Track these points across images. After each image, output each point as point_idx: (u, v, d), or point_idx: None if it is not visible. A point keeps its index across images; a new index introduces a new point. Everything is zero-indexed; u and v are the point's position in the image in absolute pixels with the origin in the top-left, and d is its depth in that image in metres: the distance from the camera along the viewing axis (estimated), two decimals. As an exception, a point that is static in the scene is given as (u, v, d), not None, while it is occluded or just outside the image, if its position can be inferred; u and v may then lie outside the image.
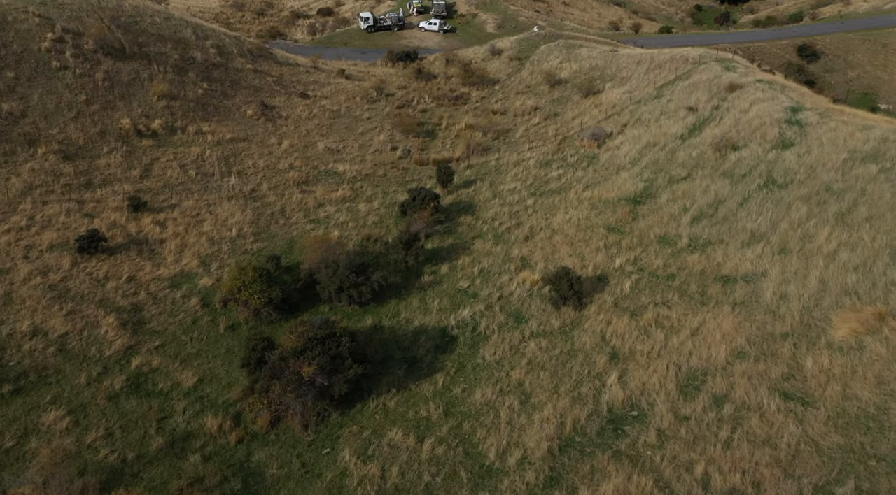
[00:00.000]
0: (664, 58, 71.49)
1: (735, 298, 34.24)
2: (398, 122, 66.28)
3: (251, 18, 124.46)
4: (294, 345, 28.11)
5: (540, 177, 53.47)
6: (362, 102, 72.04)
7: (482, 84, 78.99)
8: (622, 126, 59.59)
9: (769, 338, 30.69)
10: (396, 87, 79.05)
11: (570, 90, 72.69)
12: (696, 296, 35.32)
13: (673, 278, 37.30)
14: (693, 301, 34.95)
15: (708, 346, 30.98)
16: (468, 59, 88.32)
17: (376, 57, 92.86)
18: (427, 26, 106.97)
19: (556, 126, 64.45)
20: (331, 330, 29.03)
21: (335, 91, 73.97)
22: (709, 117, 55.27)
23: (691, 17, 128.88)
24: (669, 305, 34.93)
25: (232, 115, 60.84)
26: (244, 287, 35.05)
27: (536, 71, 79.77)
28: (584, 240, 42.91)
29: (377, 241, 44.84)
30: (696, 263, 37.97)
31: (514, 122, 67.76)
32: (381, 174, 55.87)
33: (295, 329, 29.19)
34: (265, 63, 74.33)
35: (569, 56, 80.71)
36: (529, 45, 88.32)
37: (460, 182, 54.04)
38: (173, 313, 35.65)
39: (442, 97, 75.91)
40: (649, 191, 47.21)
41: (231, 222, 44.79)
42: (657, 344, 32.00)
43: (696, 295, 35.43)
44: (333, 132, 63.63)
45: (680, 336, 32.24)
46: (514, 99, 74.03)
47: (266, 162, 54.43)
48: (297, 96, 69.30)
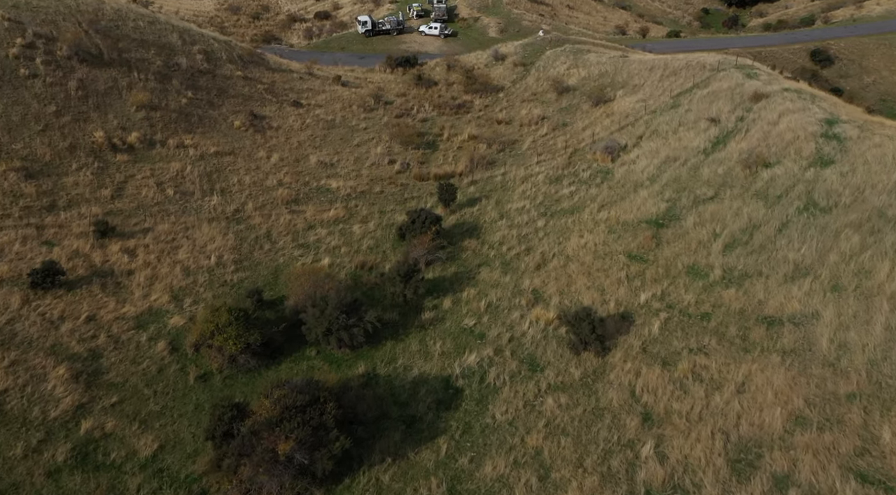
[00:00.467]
0: (679, 64, 66.56)
1: (784, 345, 29.28)
2: (397, 133, 61.35)
3: (246, 22, 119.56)
4: (269, 414, 23.18)
5: (550, 195, 48.53)
6: (359, 111, 67.10)
7: (485, 91, 74.06)
8: (637, 138, 54.65)
9: (832, 400, 25.74)
10: (395, 95, 74.15)
11: (579, 98, 67.75)
12: (738, 341, 30.36)
13: (708, 318, 32.35)
14: (734, 347, 29.99)
15: (759, 408, 26.01)
16: (470, 64, 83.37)
17: (374, 62, 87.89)
18: (427, 30, 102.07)
19: (566, 137, 59.49)
20: (313, 394, 24.08)
21: (330, 99, 69.03)
22: (733, 129, 50.32)
23: (699, 20, 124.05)
24: (707, 352, 29.97)
25: (218, 126, 55.87)
26: (217, 331, 30.10)
27: (542, 77, 74.85)
28: (602, 270, 37.94)
29: (372, 270, 39.89)
30: (734, 300, 33.01)
31: (520, 133, 62.82)
32: (378, 191, 50.92)
33: (271, 393, 24.22)
34: (256, 69, 69.40)
35: (576, 62, 75.79)
36: (534, 50, 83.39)
37: (463, 200, 49.11)
38: (136, 360, 30.66)
39: (443, 105, 70.99)
40: (672, 213, 42.25)
41: (210, 249, 39.81)
42: (697, 402, 27.04)
43: (736, 339, 30.47)
44: (327, 144, 58.68)
45: (724, 393, 27.27)
46: (520, 107, 69.10)
47: (253, 178, 49.47)
48: (290, 105, 64.34)
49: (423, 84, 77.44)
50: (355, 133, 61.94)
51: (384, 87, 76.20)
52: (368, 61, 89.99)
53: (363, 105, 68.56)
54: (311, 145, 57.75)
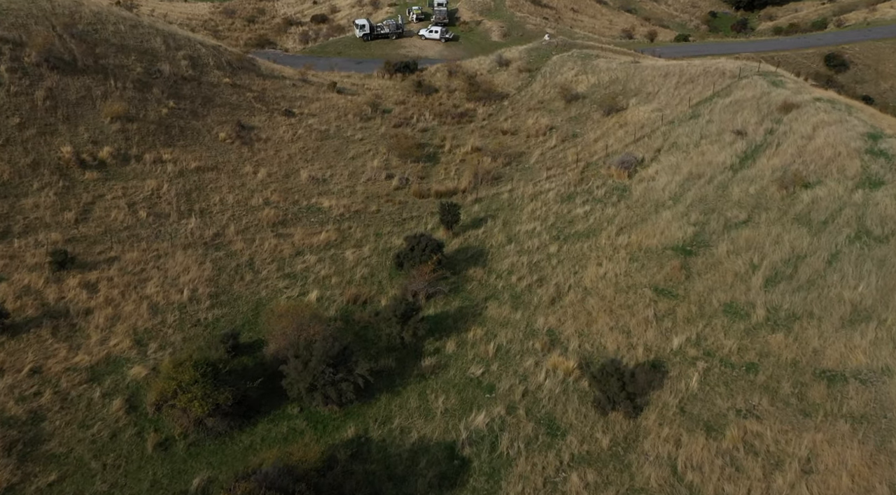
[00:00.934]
0: (696, 70, 61.71)
1: (852, 409, 24.43)
2: (395, 145, 56.49)
3: (241, 26, 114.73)
4: (230, 517, 18.41)
5: (562, 215, 43.66)
6: (355, 120, 62.24)
7: (489, 99, 69.21)
8: (655, 151, 49.76)
9: (924, 488, 20.96)
10: (394, 103, 69.32)
11: (589, 107, 62.90)
12: (794, 401, 25.51)
13: (754, 369, 27.49)
14: (790, 409, 25.13)
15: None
16: (473, 70, 78.53)
17: (372, 67, 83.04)
18: (428, 34, 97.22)
19: (577, 149, 54.62)
20: (288, 489, 19.23)
21: (325, 107, 64.17)
22: (762, 143, 45.47)
23: (706, 24, 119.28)
24: (758, 415, 25.10)
25: (201, 138, 50.97)
26: (181, 390, 25.25)
27: (549, 84, 70.01)
28: (626, 307, 33.06)
29: (366, 305, 34.98)
30: (783, 348, 28.16)
31: (527, 145, 57.96)
32: (374, 210, 46.03)
33: (234, 487, 19.37)
34: (246, 76, 64.52)
35: (585, 68, 70.95)
36: (540, 55, 78.55)
37: (467, 220, 44.23)
38: (86, 423, 25.78)
39: (444, 114, 66.15)
40: (701, 239, 37.37)
41: (183, 281, 34.90)
42: (755, 485, 22.15)
43: (792, 399, 25.61)
44: (320, 157, 53.81)
45: (786, 472, 22.40)
46: (526, 116, 64.22)
47: (236, 197, 44.58)
48: (281, 114, 59.48)
49: (423, 91, 72.65)
50: (350, 144, 57.09)
51: (382, 95, 71.39)
52: (366, 67, 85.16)
53: (359, 114, 63.73)
54: (303, 159, 52.89)
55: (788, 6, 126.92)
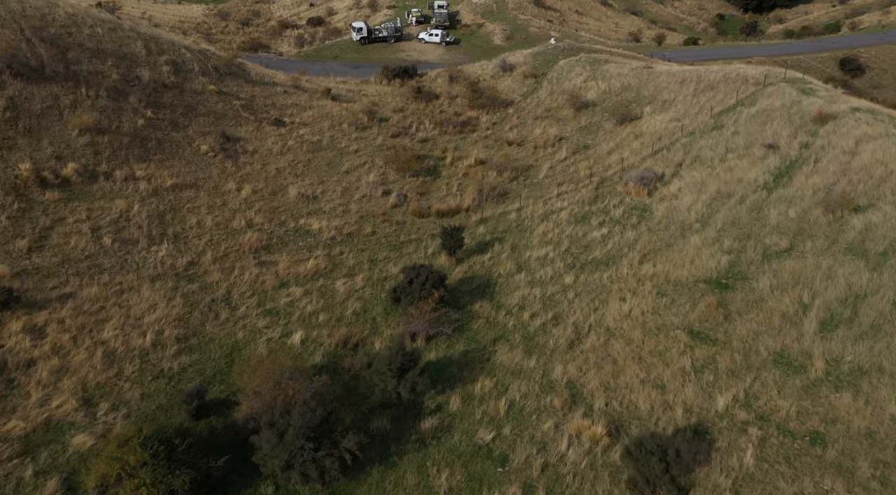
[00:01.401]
0: (715, 76, 56.91)
1: (951, 501, 19.70)
2: (392, 157, 51.66)
3: (235, 29, 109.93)
4: None
5: (577, 239, 38.84)
6: (350, 130, 57.41)
7: (493, 106, 64.37)
8: (676, 166, 44.96)
9: None
10: (392, 110, 64.48)
11: (601, 115, 58.09)
12: (875, 486, 20.73)
13: (821, 441, 22.70)
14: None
15: None
16: (475, 75, 73.71)
17: (370, 72, 78.17)
18: (427, 38, 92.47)
19: (589, 163, 49.84)
20: None
21: (318, 116, 59.33)
22: (798, 159, 40.68)
23: (714, 27, 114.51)
24: (833, 506, 20.38)
25: (180, 151, 46.13)
26: (127, 474, 20.44)
27: (557, 91, 65.18)
28: (658, 354, 28.28)
29: (357, 348, 30.17)
30: (853, 413, 23.37)
31: (535, 157, 53.14)
32: (369, 231, 41.20)
33: None
34: (234, 82, 59.68)
35: (594, 73, 66.13)
36: (546, 59, 73.73)
37: (472, 244, 39.42)
38: (12, 513, 21.05)
39: (445, 122, 61.32)
40: (738, 270, 32.58)
41: (148, 321, 30.10)
42: None
43: (873, 484, 20.81)
44: (311, 171, 48.98)
45: None
46: (533, 126, 59.39)
47: (216, 218, 39.73)
48: (270, 124, 54.64)
49: (422, 97, 67.83)
50: (345, 157, 52.26)
51: (379, 102, 66.55)
52: (363, 71, 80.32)
53: (355, 123, 58.89)
54: (292, 173, 48.06)
55: (797, 8, 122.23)
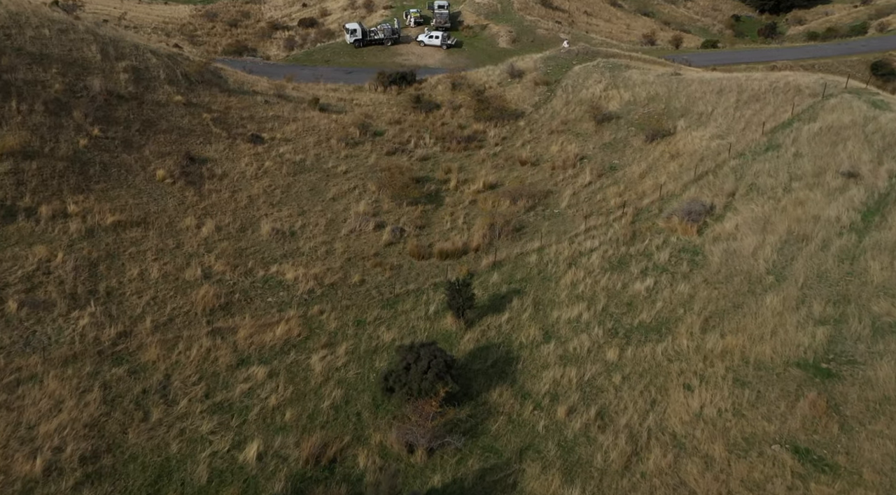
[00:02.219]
0: (759, 85, 48.48)
1: None
2: (387, 180, 43.23)
3: (222, 30, 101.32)
4: None
5: (616, 293, 30.46)
6: (339, 147, 48.96)
7: (501, 118, 55.88)
8: (728, 196, 36.53)
9: None
10: (387, 122, 56.03)
11: (627, 130, 49.69)
12: None
13: None
14: None
15: None
16: (480, 82, 65.24)
17: (364, 78, 69.65)
18: (427, 40, 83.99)
19: (619, 188, 41.44)
20: None
21: (303, 130, 50.86)
22: (890, 192, 32.33)
23: (731, 28, 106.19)
24: None
25: (130, 178, 37.65)
26: None
27: (573, 101, 56.70)
28: (755, 487, 19.94)
29: (335, 467, 21.78)
30: None
31: (553, 180, 44.71)
32: (356, 280, 32.77)
33: None
34: (206, 92, 51.14)
35: (615, 81, 57.66)
36: (559, 64, 65.26)
37: (484, 298, 31.03)
38: None
39: (448, 137, 52.88)
40: (841, 350, 24.22)
41: (45, 431, 21.61)
42: None
43: None
44: (290, 199, 40.53)
45: None
46: (549, 141, 50.95)
47: (165, 267, 31.27)
48: (246, 141, 46.14)
49: (422, 107, 59.36)
50: (331, 180, 43.84)
51: (374, 112, 58.09)
52: (357, 77, 71.84)
53: (345, 138, 50.43)
54: (268, 202, 39.60)
55: (817, 9, 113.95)
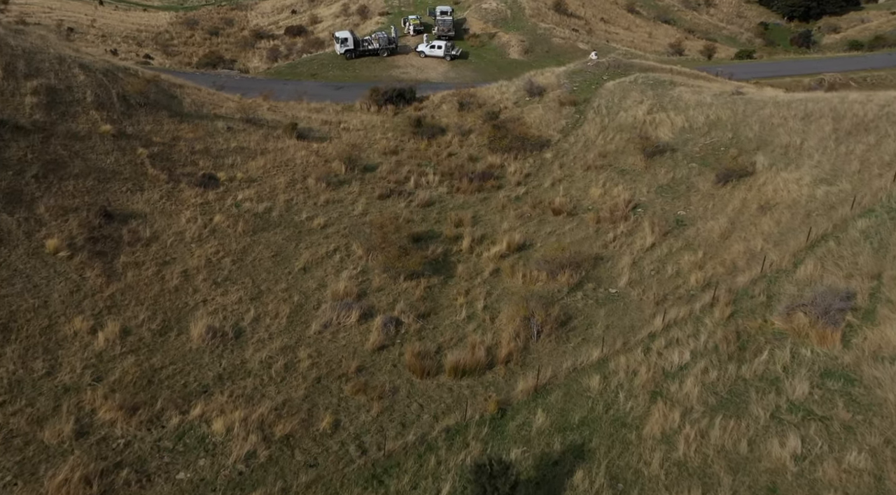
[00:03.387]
0: (862, 110, 36.33)
1: None
2: (378, 239, 31.08)
3: (201, 39, 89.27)
4: None
5: (742, 464, 18.31)
6: (318, 189, 36.91)
7: (523, 148, 43.68)
8: (872, 278, 24.34)
9: None
10: (381, 152, 44.00)
11: (687, 167, 37.60)
12: None
13: None
14: None
15: None
16: (493, 101, 53.19)
17: (356, 95, 57.54)
18: (428, 51, 71.95)
19: (695, 255, 29.27)
20: None
21: (273, 166, 38.78)
22: None
23: (761, 36, 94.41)
24: None
25: (3, 251, 25.54)
26: None
27: (611, 126, 44.60)
28: None
29: None
30: None
31: (600, 239, 32.52)
32: (326, 425, 20.56)
33: None
34: (148, 118, 38.97)
35: (661, 101, 45.58)
36: (587, 80, 53.19)
37: (527, 466, 18.82)
38: None
39: (457, 173, 40.78)
40: None
41: None
42: None
43: None
44: (243, 273, 28.35)
45: None
46: (586, 181, 38.79)
47: (12, 420, 19.15)
48: (193, 185, 33.98)
49: (423, 133, 47.30)
50: (304, 239, 31.71)
51: (365, 139, 46.09)
52: (347, 93, 59.84)
53: (327, 176, 38.33)
54: (209, 280, 27.42)
55: (849, 16, 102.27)
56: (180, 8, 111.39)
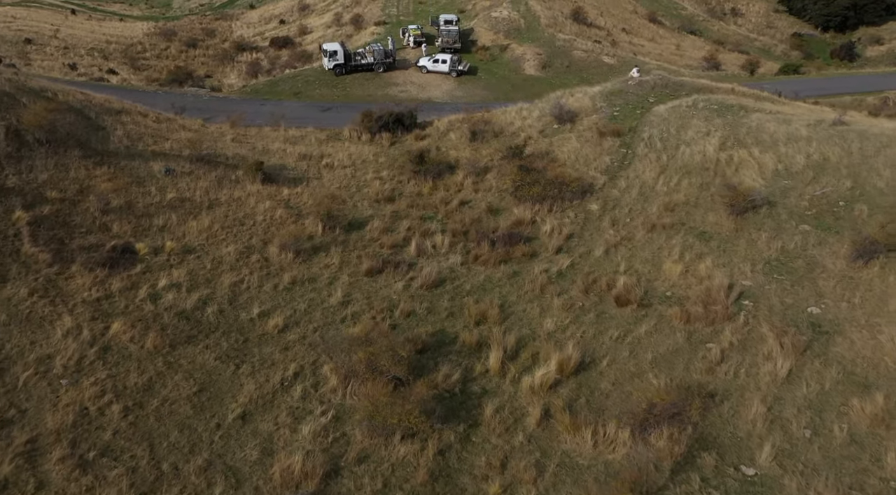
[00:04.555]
0: None
1: None
2: (363, 360, 19.49)
3: (177, 52, 77.94)
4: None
5: None
6: (282, 261, 25.47)
7: (559, 196, 32.08)
8: None
9: None
10: (372, 200, 32.59)
11: (796, 230, 26.09)
12: None
13: None
14: None
15: None
16: (513, 128, 41.74)
17: (346, 118, 46.03)
18: (431, 66, 60.55)
19: (875, 404, 17.85)
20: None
21: (221, 227, 27.29)
22: None
23: (798, 49, 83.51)
24: None
25: None
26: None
27: (673, 166, 33.05)
28: None
29: None
30: None
31: (698, 353, 20.86)
32: None
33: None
34: (50, 161, 27.40)
35: (735, 132, 34.11)
36: (629, 103, 41.77)
37: None
38: None
39: (472, 231, 29.30)
40: None
41: None
42: None
43: None
44: (135, 439, 16.71)
45: None
46: (652, 246, 27.16)
47: None
48: (92, 267, 22.42)
49: (427, 171, 35.78)
50: (248, 359, 20.12)
51: (352, 181, 34.75)
52: (335, 117, 48.54)
53: (296, 240, 26.78)
54: (71, 459, 15.83)
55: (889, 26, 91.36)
56: (161, 18, 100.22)
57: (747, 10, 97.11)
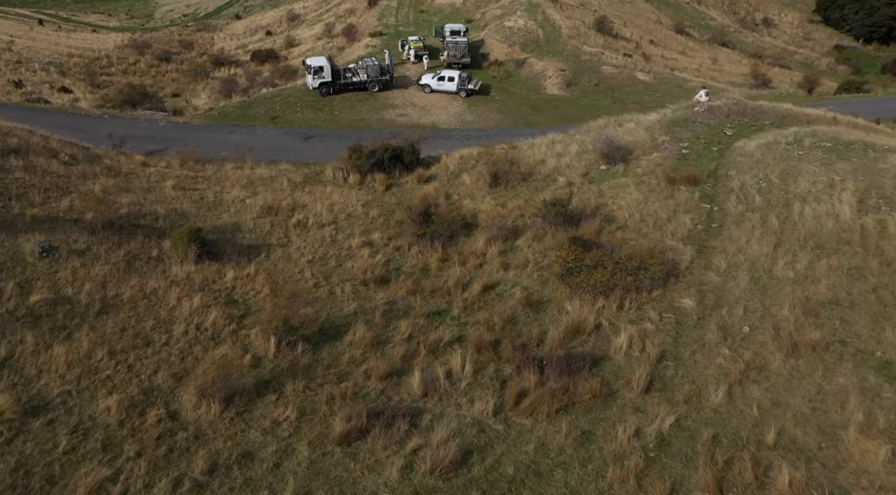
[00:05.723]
0: None
1: None
2: None
3: (146, 66, 67.25)
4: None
5: None
6: (199, 421, 14.63)
7: (632, 283, 21.31)
8: None
9: None
10: (357, 283, 21.73)
11: None
12: None
13: None
14: None
15: None
16: (546, 168, 30.88)
17: (330, 151, 35.30)
18: (436, 84, 49.50)
19: None
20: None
21: (108, 355, 16.47)
22: None
23: (845, 63, 73.16)
24: None
25: None
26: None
27: (790, 235, 22.23)
28: None
29: None
30: None
31: None
32: None
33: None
34: None
35: (875, 183, 23.36)
36: (699, 136, 30.97)
37: None
38: None
39: (504, 339, 18.52)
40: None
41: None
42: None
43: None
44: None
45: None
46: (802, 389, 16.25)
47: None
48: None
49: (435, 236, 24.90)
50: None
51: (330, 250, 23.92)
52: (318, 148, 37.82)
53: (227, 377, 15.81)
54: None
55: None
56: (139, 28, 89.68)
57: (780, 20, 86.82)
